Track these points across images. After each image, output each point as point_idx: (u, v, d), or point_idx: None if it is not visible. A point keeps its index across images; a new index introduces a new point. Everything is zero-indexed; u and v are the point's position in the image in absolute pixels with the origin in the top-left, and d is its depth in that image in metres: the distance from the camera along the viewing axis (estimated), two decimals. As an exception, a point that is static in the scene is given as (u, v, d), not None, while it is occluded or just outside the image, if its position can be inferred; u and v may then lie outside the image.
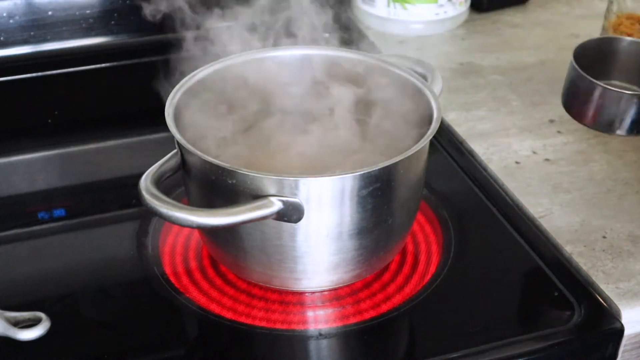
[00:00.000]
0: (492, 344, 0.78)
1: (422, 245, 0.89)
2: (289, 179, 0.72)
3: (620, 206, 0.94)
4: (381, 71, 0.88)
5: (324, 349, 0.80)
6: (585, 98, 0.87)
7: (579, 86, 0.88)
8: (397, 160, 0.75)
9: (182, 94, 0.83)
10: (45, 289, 0.85)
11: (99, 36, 1.15)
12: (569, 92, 0.90)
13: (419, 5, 1.27)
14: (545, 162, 1.01)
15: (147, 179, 0.73)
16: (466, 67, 1.21)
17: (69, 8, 1.12)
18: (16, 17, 1.10)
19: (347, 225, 0.76)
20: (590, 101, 0.86)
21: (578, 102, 0.88)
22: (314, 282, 0.81)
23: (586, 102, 0.87)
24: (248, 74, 0.89)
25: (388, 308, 0.82)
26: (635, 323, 0.81)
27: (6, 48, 1.11)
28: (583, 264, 0.86)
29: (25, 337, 0.75)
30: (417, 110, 0.84)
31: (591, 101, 0.86)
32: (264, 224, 0.75)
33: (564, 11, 1.37)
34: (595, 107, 0.86)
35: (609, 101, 0.84)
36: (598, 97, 0.85)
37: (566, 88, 0.91)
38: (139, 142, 1.09)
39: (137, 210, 0.92)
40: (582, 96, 0.87)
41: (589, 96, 0.86)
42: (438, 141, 1.04)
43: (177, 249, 0.89)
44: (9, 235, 0.93)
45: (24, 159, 1.05)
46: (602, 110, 0.85)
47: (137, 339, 0.80)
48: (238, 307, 0.82)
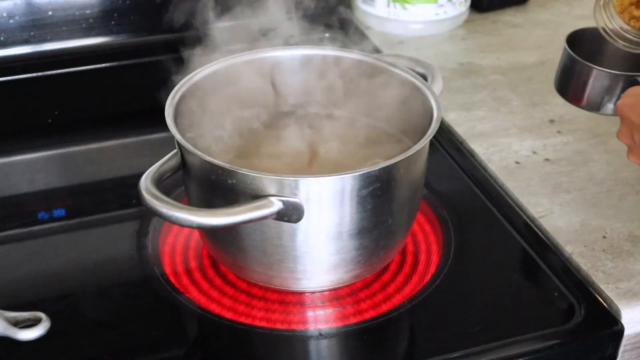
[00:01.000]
0: (492, 344, 0.78)
1: (422, 245, 0.89)
2: (289, 179, 0.72)
3: (620, 206, 0.94)
4: (381, 71, 0.88)
5: (324, 349, 0.80)
6: (577, 80, 0.91)
7: (572, 69, 0.91)
8: (397, 160, 0.75)
9: (182, 94, 0.83)
10: (45, 289, 0.85)
11: (99, 36, 1.15)
12: (562, 77, 0.93)
13: (419, 5, 1.27)
14: (545, 162, 1.01)
15: (147, 179, 0.73)
16: (466, 67, 1.21)
17: (69, 8, 1.12)
18: (16, 17, 1.10)
19: (347, 225, 0.76)
20: (582, 82, 0.90)
21: (571, 85, 0.92)
22: (314, 282, 0.81)
23: (578, 84, 0.91)
24: (248, 74, 0.89)
25: (388, 308, 0.82)
26: (635, 323, 0.81)
27: (6, 48, 1.11)
28: (583, 264, 0.86)
29: (25, 337, 0.75)
30: (417, 111, 0.84)
31: (583, 82, 0.90)
32: (264, 224, 0.75)
33: (564, 11, 1.37)
34: (587, 89, 0.89)
35: (600, 81, 0.88)
36: (589, 78, 0.89)
37: (559, 73, 0.93)
38: (139, 142, 1.09)
39: (137, 210, 0.92)
40: (574, 79, 0.91)
41: (581, 78, 0.90)
42: (438, 141, 1.04)
43: (177, 249, 0.89)
44: (9, 235, 0.93)
45: (24, 159, 1.05)
46: (593, 91, 0.89)
47: (137, 339, 0.80)
48: (238, 307, 0.82)
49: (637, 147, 0.80)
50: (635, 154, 0.81)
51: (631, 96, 0.82)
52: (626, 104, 0.81)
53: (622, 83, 0.87)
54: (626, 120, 0.81)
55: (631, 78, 0.86)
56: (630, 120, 0.80)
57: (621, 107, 0.81)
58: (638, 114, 0.79)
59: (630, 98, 0.82)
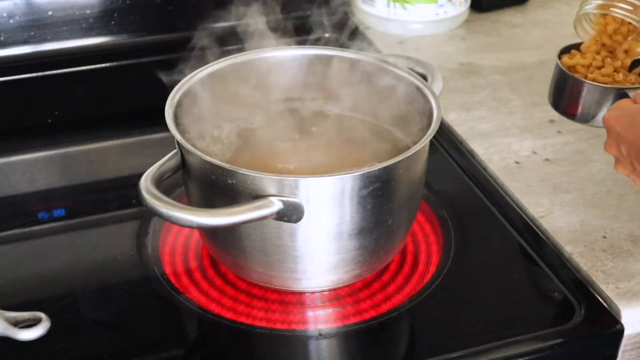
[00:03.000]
0: (492, 344, 0.78)
1: (422, 245, 0.89)
2: (289, 179, 0.72)
3: (620, 206, 0.94)
4: (381, 71, 0.88)
5: (324, 349, 0.80)
6: (570, 94, 0.93)
7: (564, 83, 0.93)
8: (397, 160, 0.75)
9: (182, 94, 0.83)
10: (45, 289, 0.85)
11: (99, 36, 1.15)
12: (555, 90, 0.95)
13: (419, 5, 1.27)
14: (545, 162, 1.01)
15: (147, 179, 0.73)
16: (466, 67, 1.21)
17: (69, 8, 1.12)
18: (16, 17, 1.10)
19: (347, 225, 0.76)
20: (574, 96, 0.92)
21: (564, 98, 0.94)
22: (314, 282, 0.81)
23: (570, 98, 0.93)
24: (248, 74, 0.89)
25: (388, 308, 0.82)
26: (635, 323, 0.81)
27: (6, 48, 1.11)
28: (583, 264, 0.86)
29: (25, 337, 0.75)
30: (417, 111, 0.84)
31: (575, 96, 0.92)
32: (264, 224, 0.75)
33: (564, 11, 1.37)
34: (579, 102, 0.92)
35: (590, 95, 0.91)
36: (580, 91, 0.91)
37: (552, 87, 0.95)
38: (139, 142, 1.09)
39: (137, 210, 0.92)
40: (567, 92, 0.93)
41: (573, 92, 0.92)
42: (438, 141, 1.04)
43: (177, 249, 0.89)
44: (9, 235, 0.93)
45: (24, 159, 1.05)
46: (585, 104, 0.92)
47: (137, 339, 0.80)
48: (238, 307, 0.82)
49: (624, 158, 0.81)
50: (622, 165, 0.82)
51: (617, 109, 0.83)
52: (612, 116, 0.82)
53: (612, 96, 0.89)
54: (612, 132, 0.82)
55: (620, 91, 0.88)
56: (616, 132, 0.81)
57: (607, 120, 0.83)
58: (623, 126, 0.80)
59: (616, 111, 0.83)
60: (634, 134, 0.79)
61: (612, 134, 0.82)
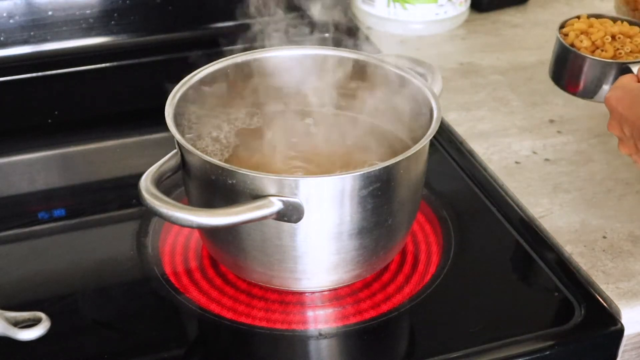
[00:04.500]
0: (492, 344, 0.78)
1: (422, 245, 0.89)
2: (289, 179, 0.72)
3: (620, 206, 0.94)
4: (381, 71, 0.88)
5: (324, 349, 0.80)
6: (571, 69, 0.92)
7: (565, 58, 0.93)
8: (397, 160, 0.75)
9: (182, 94, 0.83)
10: (45, 289, 0.85)
11: (99, 36, 1.15)
12: (556, 65, 0.95)
13: (419, 5, 1.27)
14: (545, 162, 1.01)
15: (147, 179, 0.73)
16: (466, 67, 1.21)
17: (69, 8, 1.12)
18: (16, 17, 1.10)
19: (347, 225, 0.76)
20: (576, 71, 0.92)
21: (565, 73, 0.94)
22: (314, 282, 0.81)
23: (572, 73, 0.92)
24: (248, 74, 0.89)
25: (388, 308, 0.82)
26: (635, 323, 0.81)
27: (6, 48, 1.11)
28: (583, 264, 0.86)
29: (25, 337, 0.75)
30: (417, 111, 0.84)
31: (576, 71, 0.92)
32: (264, 224, 0.75)
33: (564, 11, 1.36)
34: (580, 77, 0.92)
35: (592, 70, 0.90)
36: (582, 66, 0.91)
37: (553, 62, 0.95)
38: (139, 142, 1.09)
39: (137, 210, 0.92)
40: (568, 67, 0.93)
41: (574, 67, 0.92)
42: (438, 141, 1.04)
43: (177, 249, 0.89)
44: (9, 235, 0.93)
45: (24, 159, 1.05)
46: (587, 79, 0.91)
47: (137, 339, 0.80)
48: (238, 307, 0.82)
49: (627, 139, 0.80)
50: (625, 145, 0.81)
51: (618, 88, 0.82)
52: (613, 96, 0.81)
53: (615, 70, 0.88)
54: (615, 112, 0.81)
55: (623, 66, 0.87)
56: (618, 113, 0.80)
57: (609, 100, 0.82)
58: (625, 107, 0.79)
59: (617, 90, 0.82)
60: (636, 115, 0.78)
61: (614, 115, 0.81)
